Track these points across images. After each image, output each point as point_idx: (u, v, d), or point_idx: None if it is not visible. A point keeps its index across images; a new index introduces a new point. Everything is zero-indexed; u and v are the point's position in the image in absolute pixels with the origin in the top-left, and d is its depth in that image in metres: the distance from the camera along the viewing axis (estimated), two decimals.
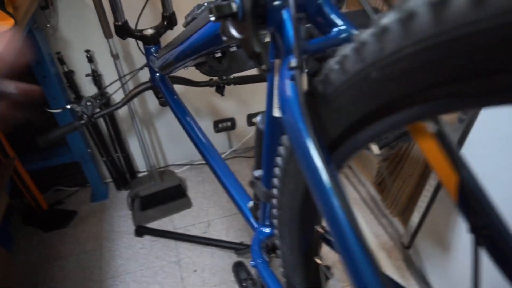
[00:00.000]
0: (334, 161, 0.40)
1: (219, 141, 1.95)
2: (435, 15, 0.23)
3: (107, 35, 1.31)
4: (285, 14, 0.38)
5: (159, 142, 1.83)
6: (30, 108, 1.46)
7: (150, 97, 1.62)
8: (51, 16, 1.35)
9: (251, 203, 0.76)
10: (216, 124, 1.86)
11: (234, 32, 0.41)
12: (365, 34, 0.30)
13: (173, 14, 1.15)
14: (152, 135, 1.80)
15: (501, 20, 0.19)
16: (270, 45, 0.43)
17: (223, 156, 1.95)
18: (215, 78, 1.27)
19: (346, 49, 0.33)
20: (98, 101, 1.22)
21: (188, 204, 1.73)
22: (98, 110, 1.23)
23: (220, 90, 1.33)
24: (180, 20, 1.26)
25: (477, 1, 0.20)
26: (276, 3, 0.38)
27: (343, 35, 0.39)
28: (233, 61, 0.87)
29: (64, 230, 1.64)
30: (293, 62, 0.34)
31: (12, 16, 0.99)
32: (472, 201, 0.37)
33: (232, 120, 1.87)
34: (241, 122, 1.91)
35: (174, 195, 1.73)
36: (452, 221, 1.17)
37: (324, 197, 0.33)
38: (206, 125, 1.84)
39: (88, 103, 1.20)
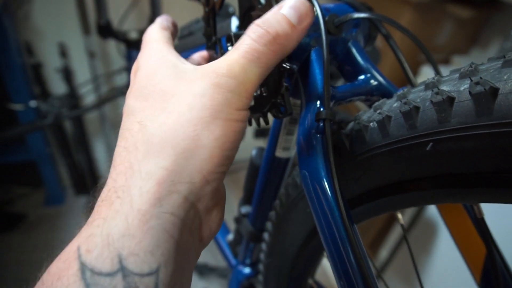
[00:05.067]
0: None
1: None
2: None
3: (86, 31, 1.22)
4: (313, 54, 0.34)
5: None
6: None
7: (123, 100, 1.53)
8: (25, 2, 1.24)
9: (230, 237, 0.70)
10: None
11: None
12: (418, 97, 0.26)
13: None
14: None
15: None
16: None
17: None
18: None
19: (389, 108, 0.29)
20: (67, 101, 1.12)
21: None
22: (66, 110, 1.13)
23: None
24: None
25: None
26: (305, 40, 0.34)
27: (373, 84, 0.35)
28: None
29: (9, 234, 1.49)
30: (323, 112, 0.30)
31: None
32: (497, 279, 0.34)
33: None
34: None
35: None
36: (421, 262, 1.17)
37: (341, 256, 0.30)
38: None
39: (56, 102, 1.10)
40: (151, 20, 1.11)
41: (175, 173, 0.21)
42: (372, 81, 0.36)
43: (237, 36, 0.33)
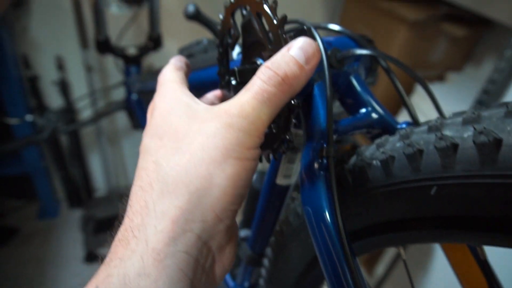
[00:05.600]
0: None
1: None
2: None
3: (84, 45, 1.22)
4: (316, 89, 0.34)
5: (122, 160, 1.72)
6: None
7: (119, 114, 1.52)
8: (23, 15, 1.24)
9: None
10: None
11: None
12: (421, 139, 0.26)
13: (160, 36, 1.09)
14: (116, 153, 1.68)
15: None
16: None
17: None
18: None
19: (392, 147, 0.29)
20: (63, 115, 1.11)
21: None
22: (62, 124, 1.12)
23: None
24: (168, 44, 1.20)
25: None
26: None
27: (374, 117, 0.36)
28: None
29: (2, 248, 1.46)
30: (327, 150, 0.30)
31: None
32: None
33: None
34: None
35: None
36: (418, 279, 1.17)
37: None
38: None
39: (53, 117, 1.09)
40: (150, 37, 1.11)
41: (188, 212, 0.22)
42: (373, 114, 0.36)
43: (241, 72, 0.33)
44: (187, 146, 0.23)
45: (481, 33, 1.26)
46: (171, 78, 0.30)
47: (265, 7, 0.28)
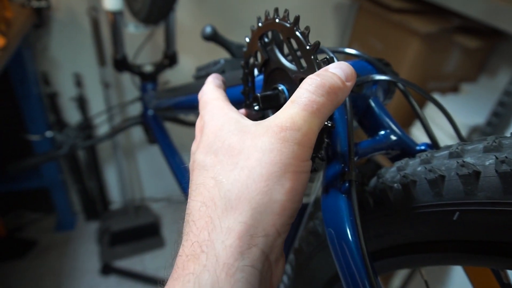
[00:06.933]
0: None
1: None
2: None
3: (101, 63, 1.26)
4: (336, 113, 0.35)
5: (137, 174, 1.74)
6: (4, 129, 1.36)
7: (135, 128, 1.55)
8: (44, 35, 1.28)
9: None
10: None
11: None
12: (443, 165, 0.27)
13: (175, 53, 1.12)
14: (132, 166, 1.71)
15: None
16: None
17: None
18: None
19: (413, 171, 0.30)
20: (82, 131, 1.14)
21: (160, 244, 1.62)
22: (80, 140, 1.15)
23: None
24: (183, 61, 1.23)
25: None
26: None
27: (393, 139, 0.36)
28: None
29: (20, 261, 1.49)
30: (349, 174, 0.31)
31: (4, 34, 0.92)
32: None
33: None
34: None
35: (147, 233, 1.62)
36: None
37: None
38: None
39: (72, 133, 1.12)
40: (166, 54, 1.14)
41: (252, 228, 0.23)
42: (392, 136, 0.37)
43: (264, 98, 0.34)
44: (244, 162, 0.24)
45: (494, 44, 1.25)
46: (214, 96, 0.32)
47: (297, 33, 0.29)
